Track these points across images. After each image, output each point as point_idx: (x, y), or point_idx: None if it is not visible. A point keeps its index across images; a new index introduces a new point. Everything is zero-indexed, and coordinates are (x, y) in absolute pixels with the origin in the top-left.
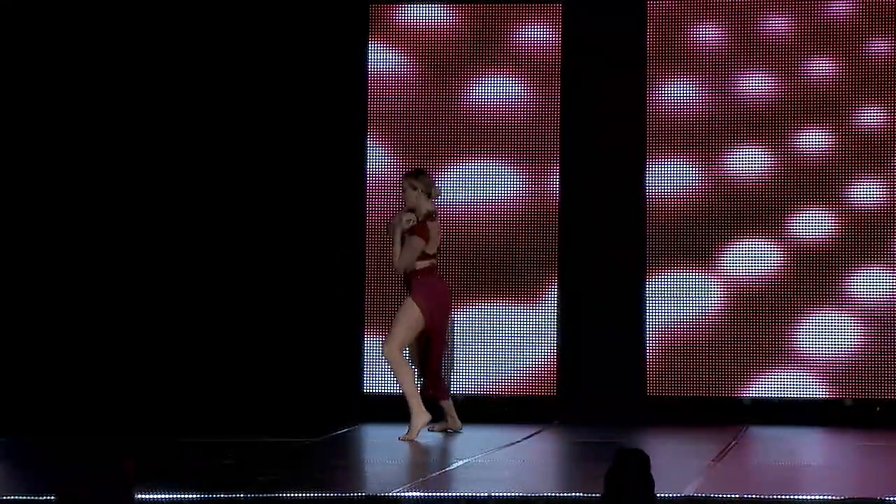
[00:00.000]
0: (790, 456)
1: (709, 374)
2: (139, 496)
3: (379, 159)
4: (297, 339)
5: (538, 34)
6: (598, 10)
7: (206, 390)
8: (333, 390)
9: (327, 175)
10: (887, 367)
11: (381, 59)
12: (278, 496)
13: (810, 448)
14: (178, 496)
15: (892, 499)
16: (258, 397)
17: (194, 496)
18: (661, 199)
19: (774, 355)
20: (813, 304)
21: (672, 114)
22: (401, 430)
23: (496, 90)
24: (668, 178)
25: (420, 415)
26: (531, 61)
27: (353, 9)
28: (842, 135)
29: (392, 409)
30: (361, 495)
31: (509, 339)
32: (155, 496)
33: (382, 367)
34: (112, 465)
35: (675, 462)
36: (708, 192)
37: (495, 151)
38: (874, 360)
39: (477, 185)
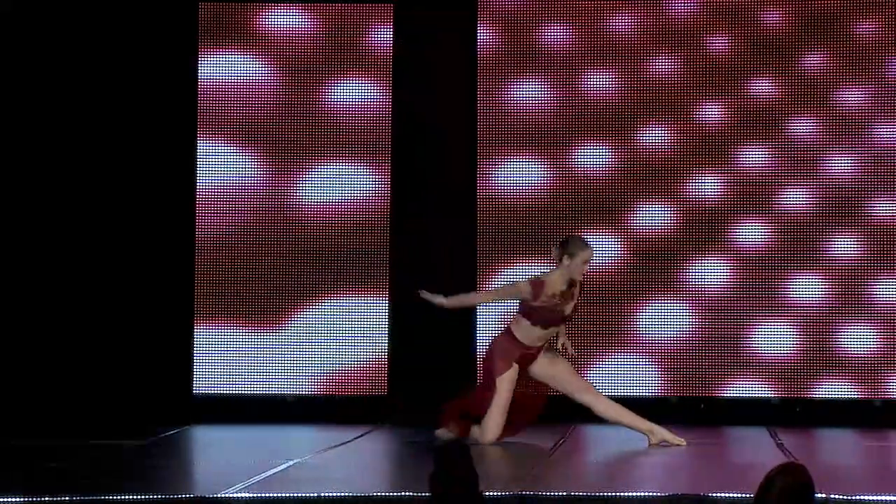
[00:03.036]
0: (619, 453)
1: None
2: None
3: (212, 156)
4: (124, 340)
5: (370, 33)
6: (431, 9)
7: (32, 392)
8: (163, 392)
9: (157, 173)
10: (714, 364)
11: (213, 58)
12: (104, 499)
13: (639, 445)
14: (3, 500)
15: (714, 495)
16: (86, 399)
17: (20, 500)
18: (493, 198)
19: (610, 347)
20: (653, 295)
21: (505, 113)
22: (233, 432)
23: (328, 88)
24: (500, 178)
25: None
26: (364, 60)
27: (183, 7)
28: (682, 131)
29: (223, 411)
30: (189, 497)
31: (338, 339)
32: None
33: (214, 369)
34: None
35: (506, 459)
36: (540, 192)
37: (324, 150)
38: (704, 359)
39: (304, 183)
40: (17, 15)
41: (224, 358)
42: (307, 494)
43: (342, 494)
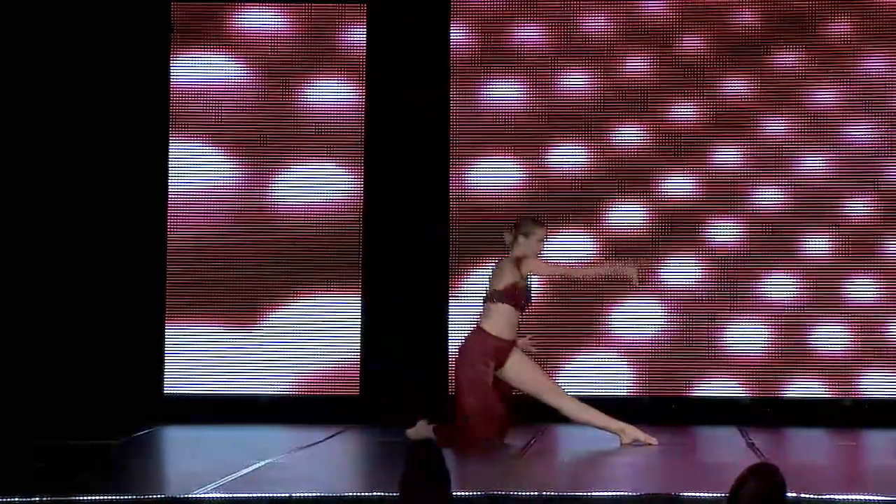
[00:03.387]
0: (591, 453)
1: None
2: None
3: (184, 155)
4: (96, 339)
5: (344, 33)
6: (404, 9)
7: (1, 392)
8: (134, 392)
9: (129, 172)
10: (686, 364)
11: (186, 57)
12: (76, 499)
13: (611, 445)
14: None
15: (686, 495)
16: (56, 399)
17: None
18: (466, 198)
19: (582, 346)
20: (626, 295)
21: (479, 113)
22: (205, 432)
23: (302, 88)
24: (473, 177)
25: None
26: (337, 59)
27: (156, 7)
28: (655, 131)
29: (194, 411)
30: (161, 497)
31: (311, 338)
32: None
33: (185, 368)
34: None
35: (476, 459)
36: (513, 191)
37: (297, 149)
38: (675, 359)
39: (277, 182)
40: None
41: (196, 358)
42: (279, 494)
43: (314, 494)
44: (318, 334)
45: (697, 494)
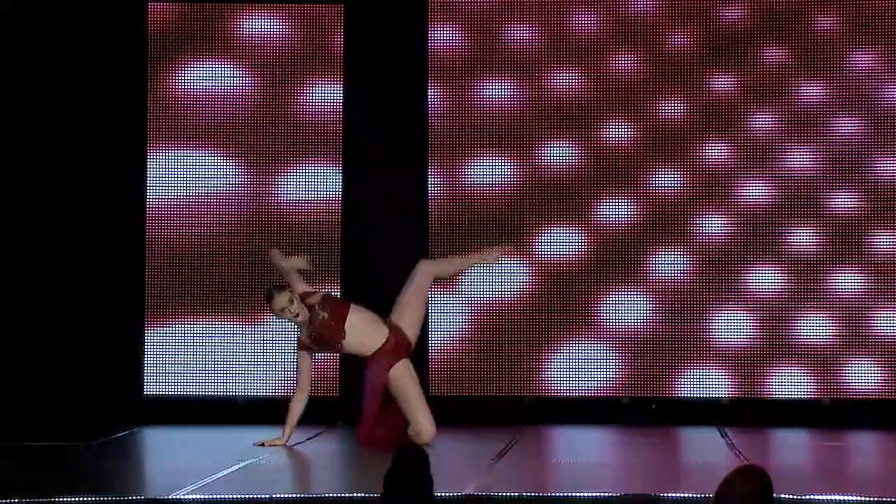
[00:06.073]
0: (570, 454)
1: (490, 374)
2: None
3: (162, 160)
4: (75, 341)
5: (321, 35)
6: (380, 11)
7: None
8: (112, 393)
9: (107, 178)
10: (665, 365)
11: (163, 61)
12: (55, 500)
13: (589, 446)
14: None
15: (666, 495)
16: (35, 400)
17: None
18: (444, 202)
19: (564, 347)
20: (607, 298)
21: (456, 115)
22: (184, 433)
23: (278, 92)
24: (451, 181)
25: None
26: (314, 62)
27: (132, 9)
28: (639, 128)
29: (174, 412)
30: (140, 498)
31: (291, 342)
32: None
33: (164, 370)
34: None
35: (457, 461)
36: (491, 195)
37: (275, 154)
38: (655, 360)
39: (256, 187)
40: None
41: (175, 359)
42: (259, 496)
43: (294, 496)
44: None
45: (679, 495)
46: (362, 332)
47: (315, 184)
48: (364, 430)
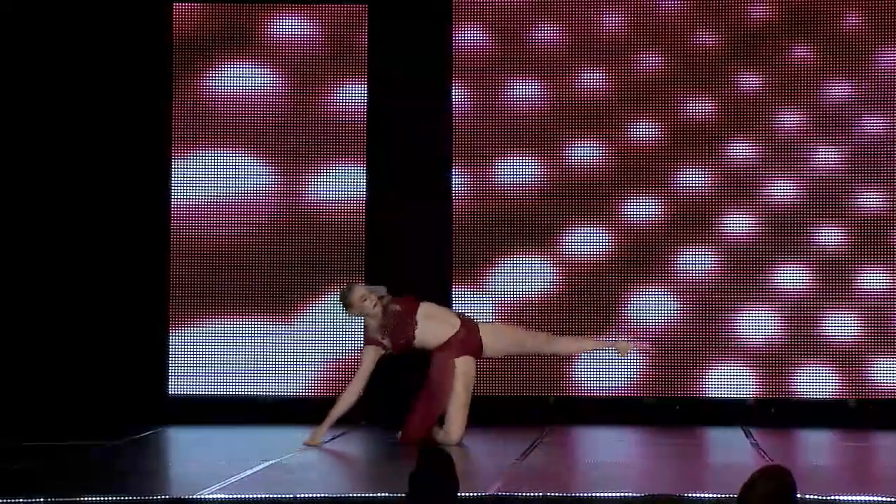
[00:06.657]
0: (593, 454)
1: (514, 373)
2: None
3: (186, 160)
4: (99, 341)
5: (345, 35)
6: (404, 11)
7: (4, 393)
8: (136, 392)
9: (132, 179)
10: (689, 365)
11: (186, 58)
12: (79, 500)
13: (615, 446)
14: None
15: (690, 496)
16: (60, 400)
17: None
18: (469, 203)
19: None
20: (630, 298)
21: (480, 115)
22: (208, 433)
23: (302, 92)
24: (475, 182)
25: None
26: (338, 62)
27: (155, 10)
28: (666, 128)
29: (198, 412)
30: (164, 498)
31: (314, 343)
32: None
33: (189, 370)
34: None
35: (481, 461)
36: (516, 195)
37: (298, 154)
38: (679, 360)
39: (280, 188)
40: None
41: (200, 359)
42: (283, 496)
43: (318, 495)
44: (321, 339)
45: (703, 495)
46: (433, 319)
47: (339, 184)
48: (413, 430)
